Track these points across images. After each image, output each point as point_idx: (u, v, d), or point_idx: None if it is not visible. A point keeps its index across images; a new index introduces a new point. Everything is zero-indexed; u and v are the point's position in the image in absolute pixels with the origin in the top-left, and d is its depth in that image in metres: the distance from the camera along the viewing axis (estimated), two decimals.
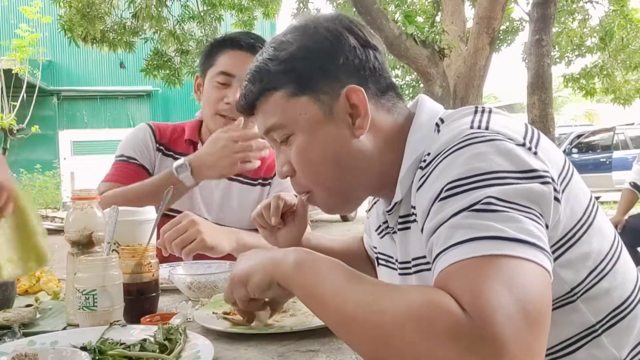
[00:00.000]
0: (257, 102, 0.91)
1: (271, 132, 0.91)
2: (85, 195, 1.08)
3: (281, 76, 0.87)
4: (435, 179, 0.73)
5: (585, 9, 10.51)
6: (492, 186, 0.68)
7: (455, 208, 0.68)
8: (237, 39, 1.59)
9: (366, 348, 0.65)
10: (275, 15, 9.36)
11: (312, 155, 0.88)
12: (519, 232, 0.64)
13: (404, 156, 0.86)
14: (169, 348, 0.84)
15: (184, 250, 1.28)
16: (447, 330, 0.58)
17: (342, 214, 1.04)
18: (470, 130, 0.75)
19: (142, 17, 8.38)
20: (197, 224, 1.30)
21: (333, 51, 0.87)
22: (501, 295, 0.59)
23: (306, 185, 0.92)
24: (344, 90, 0.86)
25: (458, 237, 0.65)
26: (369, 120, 0.87)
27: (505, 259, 0.62)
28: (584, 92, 10.57)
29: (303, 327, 0.95)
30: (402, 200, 0.87)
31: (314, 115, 0.87)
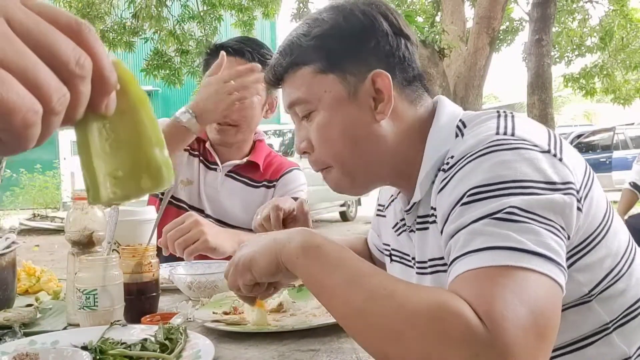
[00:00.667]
0: (285, 75, 0.92)
1: (295, 106, 0.92)
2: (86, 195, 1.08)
3: (312, 52, 0.88)
4: (458, 183, 0.73)
5: (585, 8, 10.52)
6: (515, 195, 0.68)
7: (477, 214, 0.68)
8: (225, 45, 1.63)
9: (374, 342, 0.65)
10: (275, 15, 9.36)
11: (332, 132, 0.89)
12: (537, 246, 0.64)
13: (424, 157, 0.87)
14: (169, 348, 0.84)
15: (187, 251, 1.28)
16: (459, 334, 0.59)
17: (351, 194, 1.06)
18: (496, 136, 0.75)
19: (142, 17, 8.39)
20: (200, 224, 1.30)
21: (365, 34, 0.88)
22: (514, 306, 0.59)
23: (323, 162, 0.93)
24: (370, 74, 0.87)
25: (476, 245, 0.66)
26: (391, 107, 0.87)
27: (520, 271, 0.62)
28: (584, 92, 10.58)
29: (303, 326, 0.95)
30: (421, 200, 0.88)
31: (339, 93, 0.88)
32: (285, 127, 11.86)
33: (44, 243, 8.35)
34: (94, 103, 0.36)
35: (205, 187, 1.68)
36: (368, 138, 0.88)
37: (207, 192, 1.68)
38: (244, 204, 1.68)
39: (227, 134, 1.62)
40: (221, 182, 1.68)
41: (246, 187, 1.70)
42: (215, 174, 1.69)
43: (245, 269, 0.82)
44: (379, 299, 0.65)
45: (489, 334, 0.58)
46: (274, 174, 1.72)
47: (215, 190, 1.68)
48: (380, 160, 0.90)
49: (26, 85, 0.31)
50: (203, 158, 1.70)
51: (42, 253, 7.23)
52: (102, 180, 0.41)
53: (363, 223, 10.42)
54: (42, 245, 8.03)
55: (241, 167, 1.70)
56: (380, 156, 0.89)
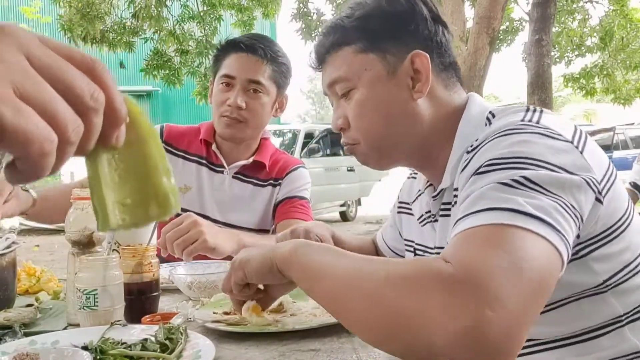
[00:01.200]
0: (327, 55, 0.97)
1: (335, 84, 0.96)
2: (86, 195, 1.08)
3: (354, 32, 0.93)
4: (478, 158, 0.76)
5: (585, 8, 10.52)
6: (528, 169, 0.69)
7: (486, 182, 0.70)
8: (238, 40, 1.63)
9: (358, 311, 0.66)
10: (275, 16, 9.36)
11: (368, 108, 0.93)
12: (538, 211, 0.64)
13: (454, 144, 0.90)
14: (169, 348, 0.84)
15: (186, 251, 1.28)
16: (433, 281, 0.60)
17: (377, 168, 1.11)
18: (520, 122, 0.78)
19: (142, 17, 8.40)
20: (199, 224, 1.30)
21: (406, 17, 0.92)
22: (496, 255, 0.60)
23: (355, 138, 0.97)
24: (409, 54, 0.91)
25: (478, 207, 0.67)
26: (428, 87, 0.91)
27: (515, 229, 0.62)
28: (584, 92, 10.58)
29: (304, 326, 0.95)
30: (448, 187, 0.91)
31: (378, 72, 0.92)
32: (285, 127, 11.87)
33: (44, 243, 8.35)
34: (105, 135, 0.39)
35: (213, 191, 1.67)
36: (403, 115, 0.92)
37: (215, 197, 1.67)
38: (251, 204, 1.68)
39: (235, 128, 1.61)
40: (229, 184, 1.68)
41: (254, 187, 1.70)
42: (222, 176, 1.68)
43: (239, 267, 0.87)
44: (359, 269, 0.67)
45: (460, 279, 0.59)
46: (279, 172, 1.72)
47: (224, 194, 1.67)
48: (412, 139, 0.94)
49: (43, 116, 0.34)
50: (208, 161, 1.69)
51: (42, 253, 7.23)
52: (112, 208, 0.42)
53: (363, 223, 10.42)
54: (42, 245, 8.02)
55: (247, 167, 1.69)
56: (413, 135, 0.93)
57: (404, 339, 0.61)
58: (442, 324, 0.57)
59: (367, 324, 0.65)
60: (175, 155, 1.69)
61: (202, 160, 1.69)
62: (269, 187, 1.71)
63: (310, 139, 10.12)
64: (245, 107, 1.59)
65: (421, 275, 0.61)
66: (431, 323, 0.58)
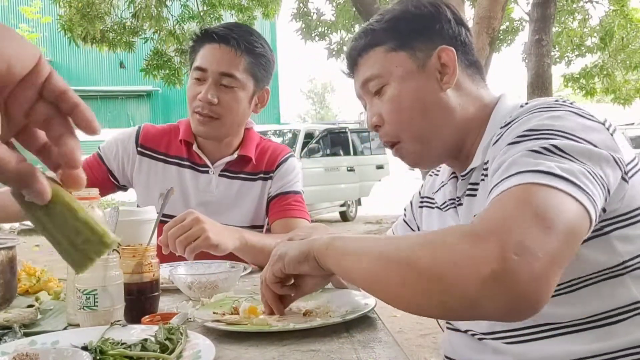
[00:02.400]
0: (359, 58, 1.04)
1: (368, 82, 1.03)
2: (86, 195, 1.08)
3: (384, 33, 1.01)
4: (512, 131, 0.81)
5: (585, 8, 10.51)
6: (559, 139, 0.74)
7: (519, 150, 0.75)
8: (211, 30, 1.54)
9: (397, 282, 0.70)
10: (275, 16, 9.36)
11: (403, 102, 0.99)
12: (566, 173, 0.68)
13: (487, 128, 0.97)
14: (169, 348, 0.83)
15: (188, 248, 1.27)
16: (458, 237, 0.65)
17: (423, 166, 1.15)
18: (554, 101, 0.84)
19: (142, 17, 8.39)
20: (201, 221, 1.29)
21: (432, 18, 1.00)
22: (521, 208, 0.64)
23: (393, 135, 1.02)
24: (436, 50, 0.99)
25: (510, 172, 0.72)
26: (456, 78, 0.98)
27: (543, 187, 0.66)
28: (584, 92, 10.57)
29: (304, 326, 0.95)
30: (477, 167, 0.96)
31: (409, 67, 0.99)
32: (285, 127, 11.86)
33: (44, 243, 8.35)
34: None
35: (198, 193, 1.61)
36: (436, 105, 0.98)
37: (201, 199, 1.61)
38: (242, 202, 1.63)
39: (209, 125, 1.53)
40: (216, 184, 1.62)
41: (243, 182, 1.64)
42: (208, 176, 1.62)
43: (279, 259, 0.94)
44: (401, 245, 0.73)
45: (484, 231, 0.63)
46: (269, 164, 1.66)
47: (210, 194, 1.62)
48: (448, 128, 0.99)
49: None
50: (190, 162, 1.62)
51: (42, 253, 7.23)
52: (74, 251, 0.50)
53: (363, 223, 10.42)
54: (42, 245, 8.02)
55: (233, 163, 1.63)
56: (448, 125, 0.99)
57: (440, 297, 0.65)
58: (472, 273, 0.61)
59: (407, 292, 0.70)
60: (154, 159, 1.63)
61: (184, 162, 1.62)
62: (260, 181, 1.65)
63: (310, 139, 10.12)
64: (218, 103, 1.51)
65: (448, 234, 0.67)
66: (462, 274, 0.62)
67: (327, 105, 50.65)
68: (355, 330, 0.94)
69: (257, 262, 1.51)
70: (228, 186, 1.64)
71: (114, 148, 1.67)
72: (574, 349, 0.83)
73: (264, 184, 1.66)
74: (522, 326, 0.88)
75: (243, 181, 1.65)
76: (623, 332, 0.81)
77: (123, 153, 1.65)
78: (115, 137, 1.69)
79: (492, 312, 0.62)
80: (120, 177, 1.66)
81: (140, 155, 1.64)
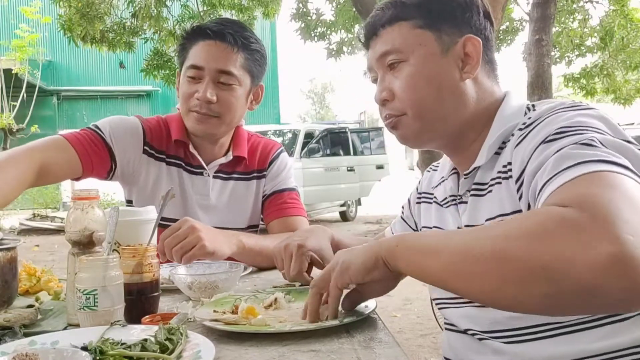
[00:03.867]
0: (381, 29, 1.01)
1: (387, 55, 1.00)
2: (86, 195, 1.08)
3: (414, 9, 0.98)
4: (539, 131, 0.81)
5: (585, 8, 10.50)
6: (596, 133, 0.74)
7: (562, 144, 0.74)
8: (205, 27, 1.49)
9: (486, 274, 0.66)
10: (275, 16, 9.35)
11: (420, 80, 0.97)
12: (622, 161, 0.69)
13: (492, 126, 0.95)
14: (169, 348, 0.83)
15: (185, 257, 1.26)
16: (561, 226, 0.61)
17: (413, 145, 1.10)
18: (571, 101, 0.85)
19: (142, 17, 8.39)
20: (197, 229, 1.28)
21: (464, 4, 0.99)
22: (610, 192, 0.62)
23: (400, 110, 1.00)
24: (463, 38, 0.97)
25: (567, 164, 0.70)
26: (477, 70, 0.97)
27: (612, 174, 0.66)
28: (584, 92, 10.57)
29: (304, 327, 0.95)
30: (481, 167, 0.95)
31: (433, 48, 0.97)
32: (285, 127, 11.85)
33: (44, 243, 8.35)
34: None
35: (195, 196, 1.58)
36: (452, 91, 0.97)
37: (198, 202, 1.58)
38: (238, 200, 1.61)
39: (208, 124, 1.49)
40: (211, 186, 1.59)
41: (237, 182, 1.62)
42: (203, 178, 1.59)
43: (341, 271, 0.89)
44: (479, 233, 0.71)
45: (593, 217, 0.60)
46: (261, 161, 1.64)
47: (206, 197, 1.59)
48: (456, 117, 0.98)
49: None
50: (185, 163, 1.58)
51: (42, 253, 7.23)
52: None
53: (363, 223, 10.42)
54: (42, 245, 8.02)
55: (226, 164, 1.61)
56: (458, 113, 0.98)
57: (548, 289, 0.61)
58: (587, 260, 0.57)
59: (499, 283, 0.65)
60: (157, 159, 1.57)
61: (181, 162, 1.59)
62: (254, 180, 1.63)
63: (310, 139, 10.13)
64: (217, 101, 1.47)
65: (546, 224, 0.62)
66: (575, 262, 0.58)
67: (327, 105, 50.61)
68: (355, 330, 0.94)
69: (256, 264, 1.50)
70: (223, 187, 1.62)
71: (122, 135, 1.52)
72: (576, 348, 0.82)
73: (259, 183, 1.64)
74: (524, 325, 0.87)
75: (236, 181, 1.63)
76: (628, 330, 0.80)
77: (132, 146, 1.53)
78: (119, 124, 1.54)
79: (614, 297, 0.58)
80: (122, 167, 1.52)
81: (145, 154, 1.56)
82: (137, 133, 1.55)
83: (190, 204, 1.58)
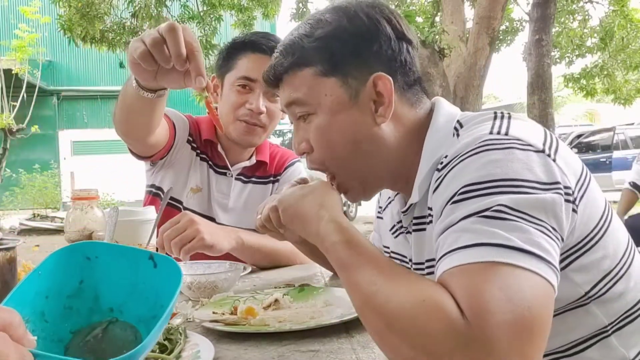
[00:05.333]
0: (284, 75, 0.91)
1: (293, 105, 0.91)
2: (85, 195, 1.08)
3: (314, 53, 0.87)
4: (450, 181, 0.73)
5: (585, 9, 10.51)
6: (505, 194, 0.67)
7: (465, 212, 0.68)
8: (259, 42, 1.55)
9: (374, 331, 0.68)
10: (275, 16, 9.35)
11: (332, 136, 0.88)
12: (525, 243, 0.64)
13: (422, 159, 0.87)
14: (169, 348, 0.83)
15: (183, 249, 1.28)
16: (442, 328, 0.60)
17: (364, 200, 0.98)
18: (489, 135, 0.74)
19: (142, 17, 8.38)
20: (195, 222, 1.30)
21: (369, 37, 0.87)
22: (499, 301, 0.59)
23: (321, 163, 0.92)
24: (372, 77, 0.86)
25: (463, 241, 0.66)
26: (392, 110, 0.87)
27: (507, 267, 0.62)
28: (584, 92, 10.58)
29: (303, 327, 0.95)
30: (418, 202, 0.87)
31: (339, 97, 0.87)
32: (285, 127, 11.86)
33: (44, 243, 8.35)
34: None
35: (216, 194, 1.63)
36: (369, 141, 0.88)
37: (219, 200, 1.63)
38: (254, 203, 1.63)
39: (254, 134, 1.56)
40: (233, 187, 1.65)
41: (256, 185, 1.68)
42: (227, 178, 1.65)
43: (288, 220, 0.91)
44: (375, 291, 0.68)
45: (471, 328, 0.59)
46: (278, 167, 1.71)
47: (226, 196, 1.64)
48: (382, 162, 0.90)
49: None
50: (212, 162, 1.64)
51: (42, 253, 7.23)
52: None
53: (363, 223, 10.42)
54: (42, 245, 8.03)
55: (249, 167, 1.67)
56: (382, 159, 0.89)
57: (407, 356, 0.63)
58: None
59: (374, 335, 0.69)
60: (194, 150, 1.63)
61: (208, 160, 1.65)
62: (270, 184, 1.69)
63: None
64: (266, 112, 1.54)
65: (430, 315, 0.62)
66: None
67: None
68: (355, 330, 0.94)
69: (255, 262, 1.51)
70: (242, 189, 1.67)
71: (180, 120, 1.61)
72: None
73: (273, 187, 1.70)
74: None
75: (255, 185, 1.68)
76: (593, 357, 0.80)
77: (183, 130, 1.61)
78: (175, 113, 1.62)
79: None
80: (173, 150, 1.59)
81: (187, 143, 1.62)
82: (185, 122, 1.63)
83: (212, 201, 1.63)
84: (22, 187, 12.14)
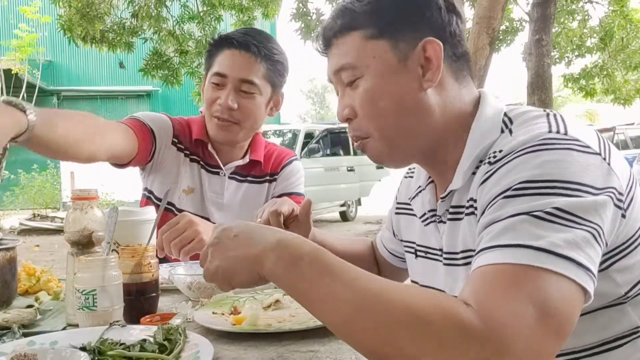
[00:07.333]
0: (334, 39, 0.92)
1: (341, 72, 0.92)
2: (85, 195, 1.08)
3: (365, 16, 0.88)
4: (504, 175, 0.73)
5: (585, 9, 10.51)
6: (561, 196, 0.67)
7: (516, 209, 0.68)
8: (232, 37, 1.55)
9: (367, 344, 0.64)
10: (275, 16, 9.35)
11: (378, 99, 0.88)
12: (570, 249, 0.63)
13: (467, 146, 0.87)
14: (168, 348, 0.83)
15: (183, 250, 1.28)
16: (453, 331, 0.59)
17: (389, 165, 0.97)
18: (548, 134, 0.74)
19: (142, 17, 8.39)
20: (195, 224, 1.30)
21: (421, 3, 0.88)
22: (520, 305, 0.59)
23: (365, 130, 0.92)
24: (422, 42, 0.86)
25: (506, 240, 0.65)
26: (439, 76, 0.87)
27: (541, 272, 0.61)
28: (584, 93, 10.58)
29: (303, 327, 0.95)
30: (458, 190, 0.87)
31: (388, 60, 0.87)
32: (285, 127, 11.85)
33: (44, 243, 8.35)
34: None
35: (210, 193, 1.63)
36: (414, 106, 0.88)
37: (213, 200, 1.63)
38: (249, 202, 1.65)
39: (229, 130, 1.55)
40: (227, 186, 1.64)
41: (250, 184, 1.67)
42: (219, 177, 1.64)
43: (225, 281, 0.80)
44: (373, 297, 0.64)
45: (484, 332, 0.58)
46: (274, 166, 1.70)
47: (220, 196, 1.64)
48: (423, 132, 0.89)
49: None
50: (204, 162, 1.64)
51: (42, 253, 7.23)
52: None
53: (363, 223, 10.42)
54: (42, 245, 8.02)
55: (243, 166, 1.66)
56: (424, 128, 0.89)
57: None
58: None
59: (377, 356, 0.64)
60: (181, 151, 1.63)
61: (199, 160, 1.65)
62: (266, 183, 1.68)
63: (310, 139, 10.13)
64: (238, 108, 1.52)
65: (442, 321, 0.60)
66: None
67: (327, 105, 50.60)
68: None
69: None
70: (237, 188, 1.66)
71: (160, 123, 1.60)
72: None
73: (270, 186, 1.69)
74: None
75: (250, 184, 1.67)
76: (620, 357, 0.80)
77: (165, 134, 1.60)
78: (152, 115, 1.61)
79: None
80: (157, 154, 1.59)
81: (173, 145, 1.62)
82: (168, 124, 1.62)
83: (206, 201, 1.63)
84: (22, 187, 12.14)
